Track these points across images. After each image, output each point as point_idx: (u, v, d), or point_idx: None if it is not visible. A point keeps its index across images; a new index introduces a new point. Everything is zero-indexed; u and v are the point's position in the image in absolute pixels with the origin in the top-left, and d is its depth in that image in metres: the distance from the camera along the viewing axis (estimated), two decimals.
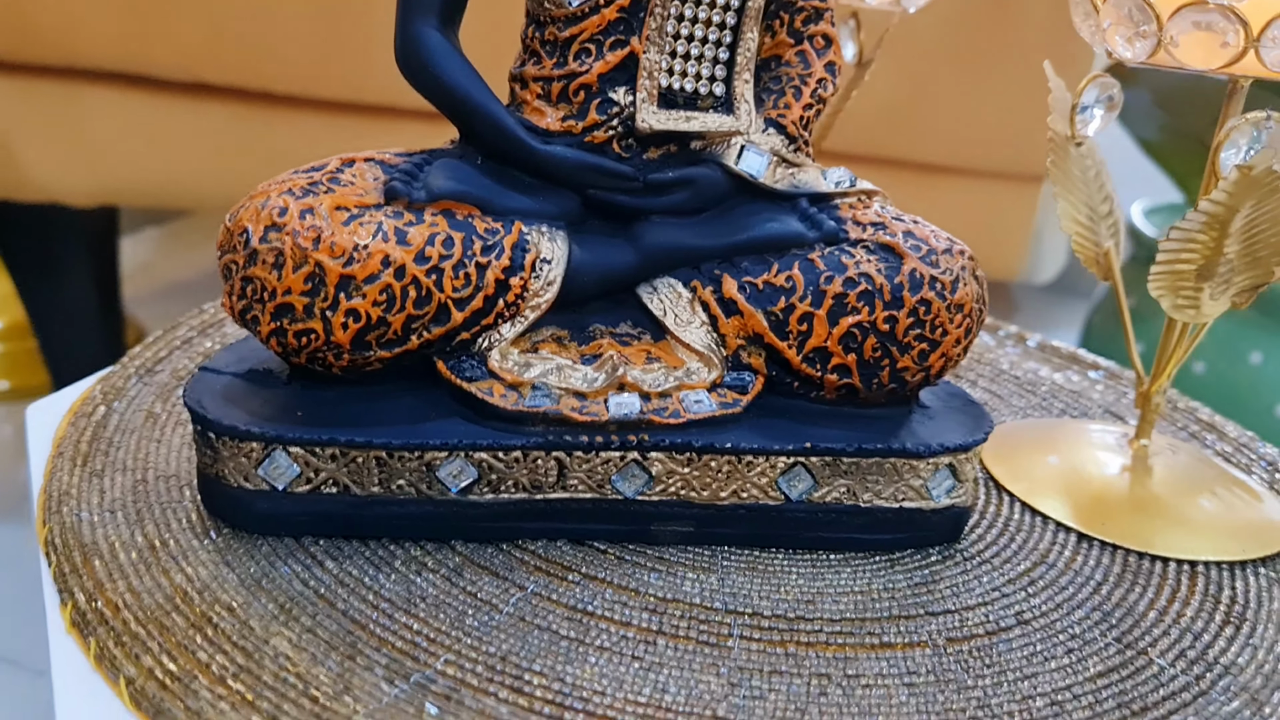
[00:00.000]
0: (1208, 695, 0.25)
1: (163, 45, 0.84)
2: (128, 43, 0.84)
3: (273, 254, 0.25)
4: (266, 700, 0.21)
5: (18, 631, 0.83)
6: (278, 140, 0.88)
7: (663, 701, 0.22)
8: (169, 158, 0.88)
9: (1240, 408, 0.92)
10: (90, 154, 0.88)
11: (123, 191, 0.90)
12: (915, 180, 0.89)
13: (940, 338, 0.27)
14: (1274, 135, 0.27)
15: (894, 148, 0.88)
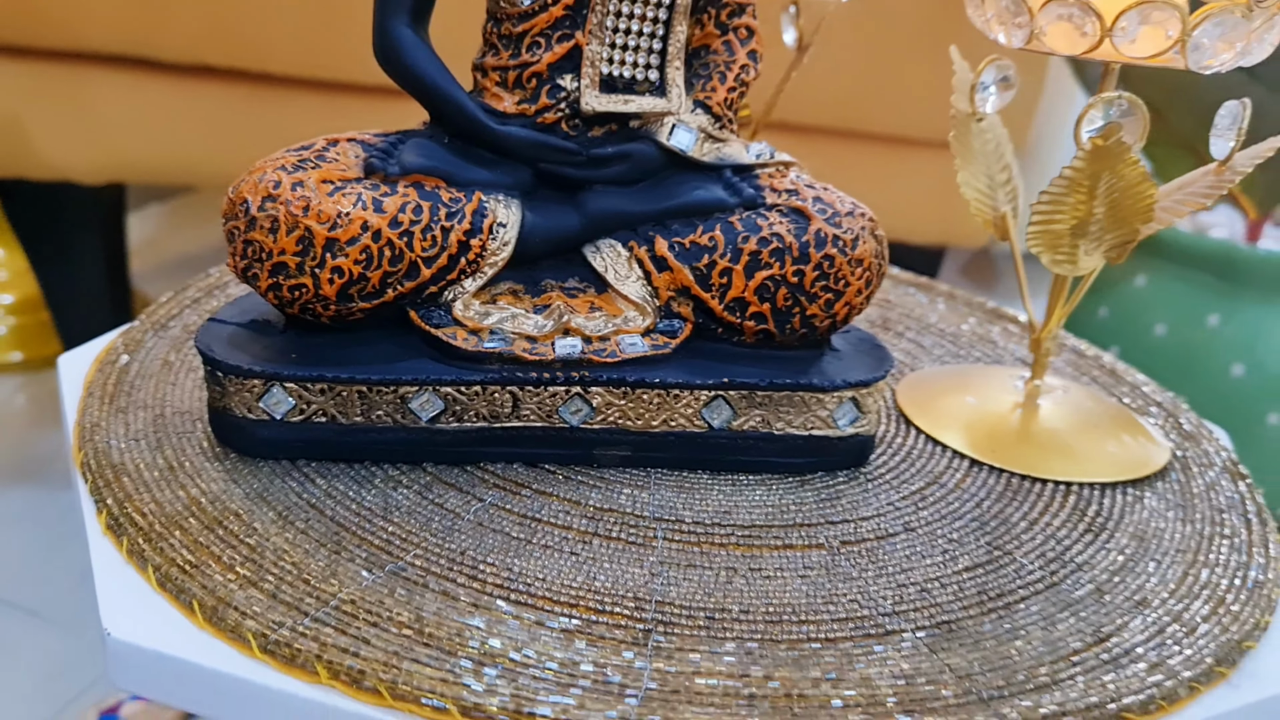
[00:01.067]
0: (1058, 586, 0.29)
1: (166, 29, 0.88)
2: (132, 27, 0.88)
3: (269, 221, 0.29)
4: (268, 582, 0.26)
5: (39, 585, 0.88)
6: (275, 119, 0.92)
7: (592, 586, 0.27)
8: (173, 136, 0.92)
9: (1199, 367, 0.96)
10: (98, 134, 0.92)
11: (129, 169, 0.94)
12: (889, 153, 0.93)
13: (843, 289, 0.32)
14: (1123, 111, 0.32)
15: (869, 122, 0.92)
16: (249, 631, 0.24)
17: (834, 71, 0.87)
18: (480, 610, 0.26)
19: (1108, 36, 0.31)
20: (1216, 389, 0.96)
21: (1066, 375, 0.43)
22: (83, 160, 0.94)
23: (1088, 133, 0.32)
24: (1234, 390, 0.96)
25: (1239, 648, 0.28)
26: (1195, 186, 0.35)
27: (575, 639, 0.25)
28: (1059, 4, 0.31)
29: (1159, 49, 0.31)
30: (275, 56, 0.89)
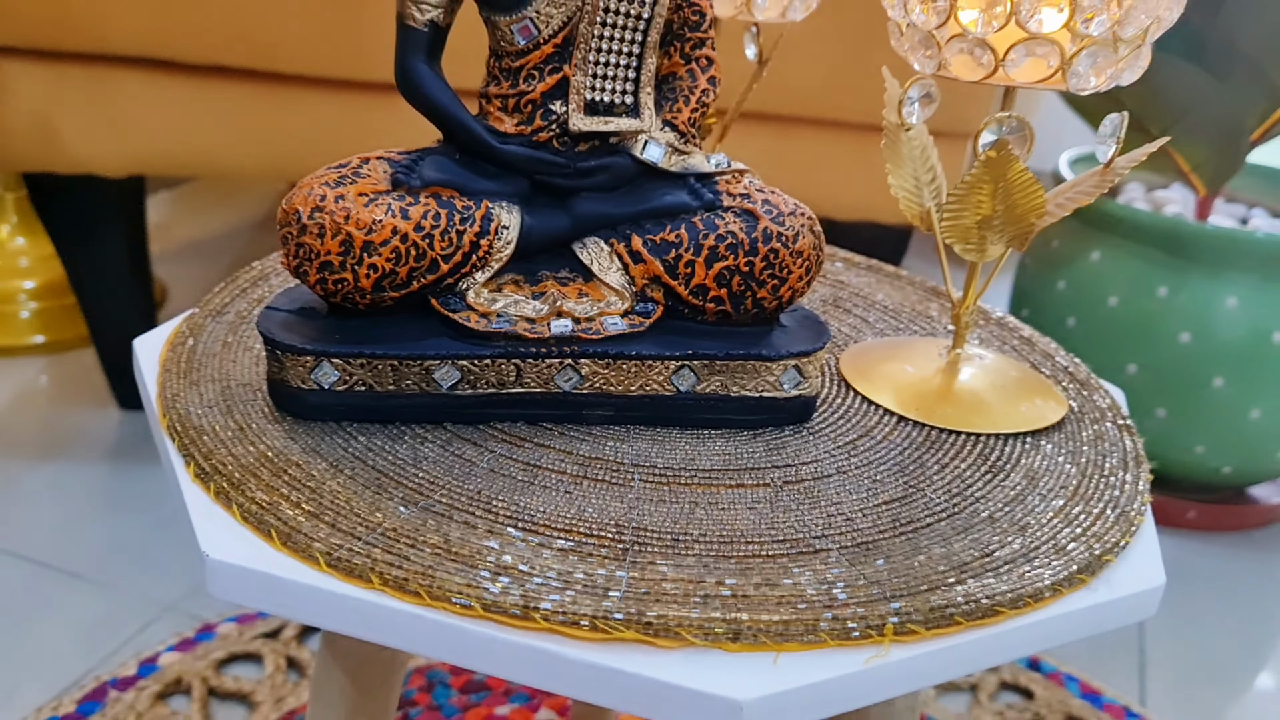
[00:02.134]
0: (957, 515, 0.36)
1: (184, 33, 0.94)
2: (153, 31, 0.94)
3: (317, 228, 0.36)
4: (326, 515, 0.33)
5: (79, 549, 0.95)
6: (285, 114, 0.98)
7: (582, 516, 0.34)
8: (191, 131, 0.99)
9: (1149, 336, 1.04)
10: (121, 130, 0.99)
11: (150, 162, 1.01)
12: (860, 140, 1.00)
13: (786, 276, 0.39)
14: (1013, 129, 0.39)
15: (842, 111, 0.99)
16: (316, 551, 0.31)
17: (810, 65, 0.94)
18: (494, 535, 0.33)
19: (1000, 66, 0.38)
20: (1165, 356, 1.03)
21: (991, 345, 0.50)
22: (107, 154, 1.00)
23: (983, 146, 0.39)
24: (1182, 356, 1.03)
25: (1099, 561, 0.35)
26: (1083, 186, 0.42)
27: (569, 556, 0.32)
28: (959, 40, 0.38)
29: (1043, 76, 0.38)
30: (285, 57, 0.95)
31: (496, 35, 0.39)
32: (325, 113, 0.98)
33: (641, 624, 0.30)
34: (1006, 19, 0.37)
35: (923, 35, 0.39)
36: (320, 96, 0.97)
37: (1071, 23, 0.36)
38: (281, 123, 0.98)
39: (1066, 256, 1.11)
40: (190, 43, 0.94)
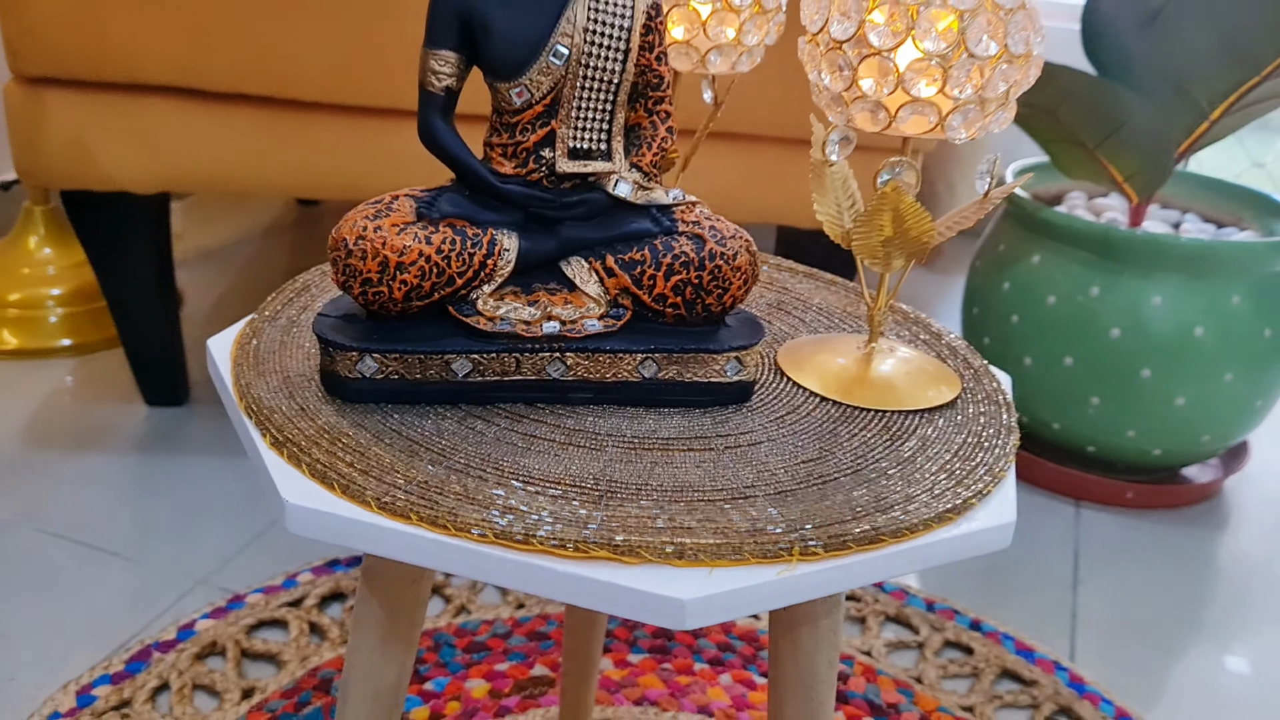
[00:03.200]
0: (860, 472, 0.47)
1: (210, 65, 1.04)
2: (181, 62, 1.04)
3: (360, 252, 0.46)
4: (374, 472, 0.43)
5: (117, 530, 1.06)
6: (300, 137, 1.08)
7: (569, 472, 0.44)
8: (215, 152, 1.09)
9: (1084, 330, 1.15)
10: (151, 151, 1.09)
11: (176, 180, 1.11)
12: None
13: (728, 286, 0.49)
14: (902, 171, 0.49)
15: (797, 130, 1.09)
16: (369, 497, 0.41)
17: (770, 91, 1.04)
18: (501, 486, 0.43)
19: (893, 121, 0.49)
20: (1099, 349, 1.14)
21: (905, 338, 0.60)
22: (137, 174, 1.10)
23: (880, 182, 0.49)
24: (1113, 350, 1.14)
25: (966, 504, 0.46)
26: (965, 212, 0.52)
27: (559, 500, 0.42)
28: (861, 101, 0.49)
29: (927, 129, 0.49)
30: (300, 86, 1.06)
31: (498, 97, 0.49)
32: (334, 135, 1.08)
33: (611, 546, 0.40)
34: (895, 86, 0.47)
35: (834, 95, 0.50)
36: (330, 120, 1.08)
37: (944, 91, 0.47)
38: (296, 144, 1.08)
39: (1011, 259, 1.22)
40: (215, 73, 1.04)
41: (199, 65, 1.04)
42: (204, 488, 1.13)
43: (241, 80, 1.05)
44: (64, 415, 1.25)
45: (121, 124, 1.07)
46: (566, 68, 0.48)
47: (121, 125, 1.07)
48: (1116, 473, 1.25)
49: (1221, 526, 1.24)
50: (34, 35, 1.02)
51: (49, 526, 1.05)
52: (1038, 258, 1.20)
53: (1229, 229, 1.28)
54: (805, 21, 0.51)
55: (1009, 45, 0.47)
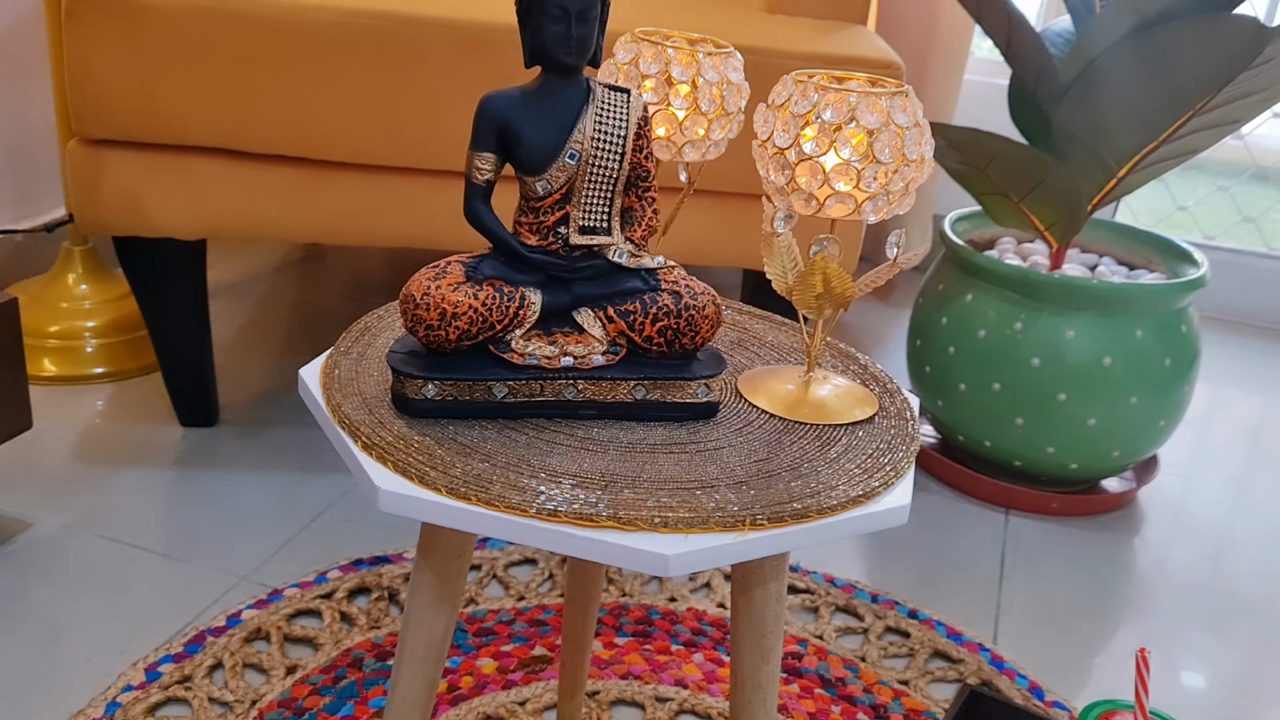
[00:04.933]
0: (798, 469, 0.63)
1: (250, 129, 1.20)
2: (226, 127, 1.20)
3: (423, 305, 0.62)
4: (439, 467, 0.59)
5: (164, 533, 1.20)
6: (330, 191, 1.24)
7: (581, 469, 0.60)
8: (253, 205, 1.25)
9: (1009, 360, 1.32)
10: (195, 203, 1.24)
11: (217, 229, 1.26)
12: None
13: (699, 330, 0.66)
14: (828, 244, 0.66)
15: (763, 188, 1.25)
16: (440, 485, 0.57)
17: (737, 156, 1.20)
18: (533, 479, 0.59)
19: (822, 207, 0.65)
20: (1021, 376, 1.31)
21: (837, 369, 0.77)
22: (182, 222, 1.26)
23: (813, 252, 0.66)
24: (1034, 377, 1.32)
25: (873, 491, 0.62)
26: (878, 274, 0.69)
27: (575, 488, 0.58)
28: (798, 192, 0.65)
29: (848, 213, 0.65)
30: (330, 147, 1.22)
31: (525, 187, 0.66)
32: (358, 189, 1.24)
33: (615, 519, 0.56)
34: (823, 183, 0.64)
35: (778, 187, 0.66)
36: (354, 177, 1.24)
37: (858, 187, 0.64)
38: (324, 197, 1.24)
39: (948, 298, 1.40)
40: (255, 136, 1.20)
41: (241, 129, 1.20)
42: (238, 498, 1.28)
43: (278, 142, 1.21)
44: (108, 436, 1.39)
45: (170, 179, 1.23)
46: (578, 166, 0.65)
47: (170, 181, 1.23)
48: (1041, 484, 1.42)
49: (1133, 531, 1.41)
50: (97, 104, 1.18)
51: (105, 532, 1.20)
52: (970, 296, 1.37)
53: (1140, 270, 1.46)
54: (757, 130, 0.68)
55: (906, 154, 0.64)
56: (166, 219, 1.25)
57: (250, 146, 1.21)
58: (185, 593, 1.12)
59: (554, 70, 0.64)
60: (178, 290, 1.33)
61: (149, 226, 1.25)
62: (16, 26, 1.64)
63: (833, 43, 1.24)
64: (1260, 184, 2.18)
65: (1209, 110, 1.25)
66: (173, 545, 1.19)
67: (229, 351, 1.63)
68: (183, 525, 1.23)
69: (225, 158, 1.23)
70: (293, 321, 1.77)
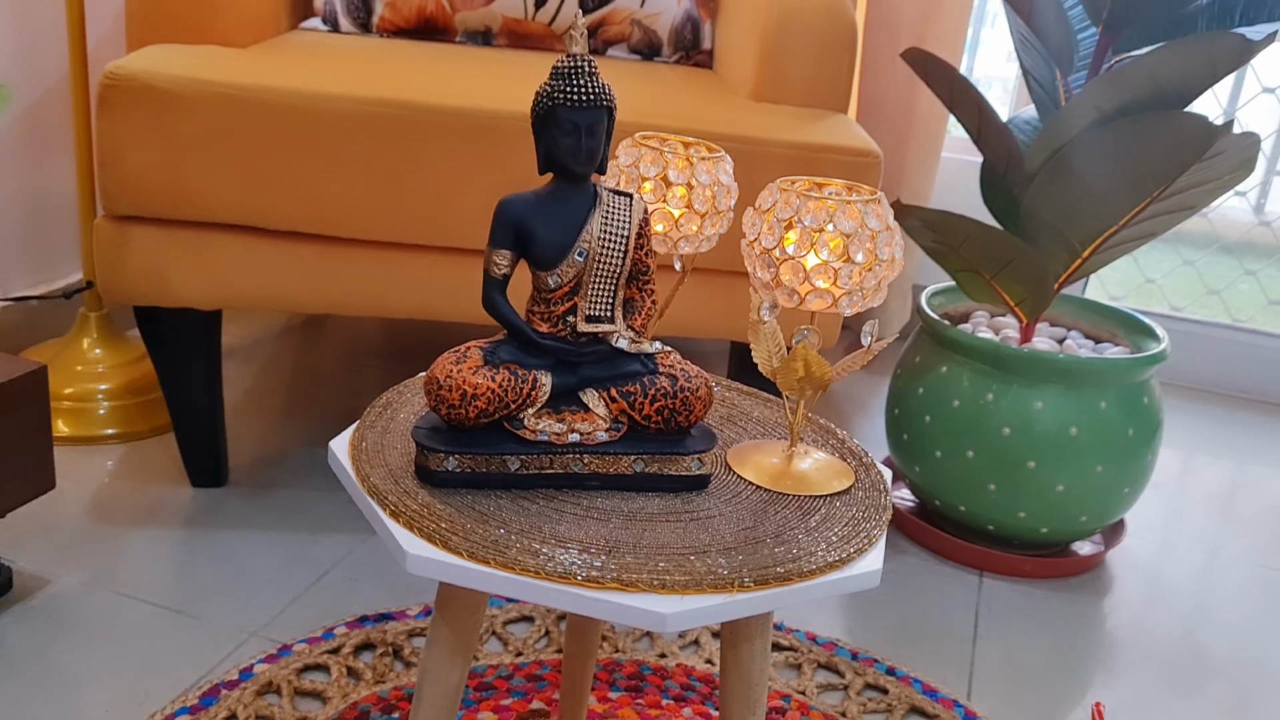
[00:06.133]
0: (781, 535, 0.70)
1: (270, 208, 1.28)
2: (245, 206, 1.28)
3: (446, 387, 0.70)
4: (459, 533, 0.66)
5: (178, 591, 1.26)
6: (343, 266, 1.31)
7: (585, 535, 0.67)
8: (269, 278, 1.32)
9: (981, 428, 1.40)
10: (214, 276, 1.31)
11: (234, 300, 1.33)
12: None
13: (693, 409, 0.73)
14: (808, 334, 0.73)
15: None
16: (461, 549, 0.64)
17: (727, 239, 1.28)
18: (543, 543, 0.66)
19: (803, 301, 0.73)
20: (993, 445, 1.39)
21: (818, 443, 0.84)
22: (201, 294, 1.33)
23: (795, 341, 0.74)
24: (1004, 446, 1.39)
25: (849, 557, 0.69)
26: (854, 360, 0.77)
27: (582, 553, 0.65)
28: (781, 288, 0.73)
29: (826, 306, 0.73)
30: (343, 225, 1.29)
31: (537, 280, 0.73)
32: (371, 264, 1.31)
33: (618, 580, 0.63)
34: (804, 280, 0.72)
35: (765, 282, 0.74)
36: (368, 253, 1.31)
37: (835, 284, 0.71)
38: (338, 272, 1.32)
39: (924, 368, 1.47)
40: (274, 214, 1.28)
41: (260, 208, 1.28)
42: (248, 557, 1.34)
43: (295, 220, 1.29)
44: (121, 495, 1.45)
45: (191, 254, 1.30)
46: (586, 263, 0.72)
47: (191, 255, 1.30)
48: (1013, 548, 1.49)
49: (1103, 593, 1.48)
50: (125, 183, 1.25)
51: (122, 589, 1.26)
52: (945, 368, 1.45)
53: (1105, 344, 1.54)
54: (745, 230, 0.76)
55: (878, 255, 0.72)
56: (186, 290, 1.32)
57: (268, 223, 1.29)
58: (199, 648, 1.18)
59: (565, 177, 0.72)
60: (193, 357, 1.39)
61: (169, 297, 1.32)
62: (43, 98, 1.72)
63: (814, 131, 1.33)
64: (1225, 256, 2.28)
65: (1166, 197, 1.34)
66: (186, 602, 1.25)
67: (236, 413, 1.69)
68: (195, 583, 1.29)
69: (244, 233, 1.30)
70: (296, 385, 1.83)
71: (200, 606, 1.24)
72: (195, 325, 1.37)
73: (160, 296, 1.32)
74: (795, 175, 1.28)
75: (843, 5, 1.45)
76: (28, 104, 1.69)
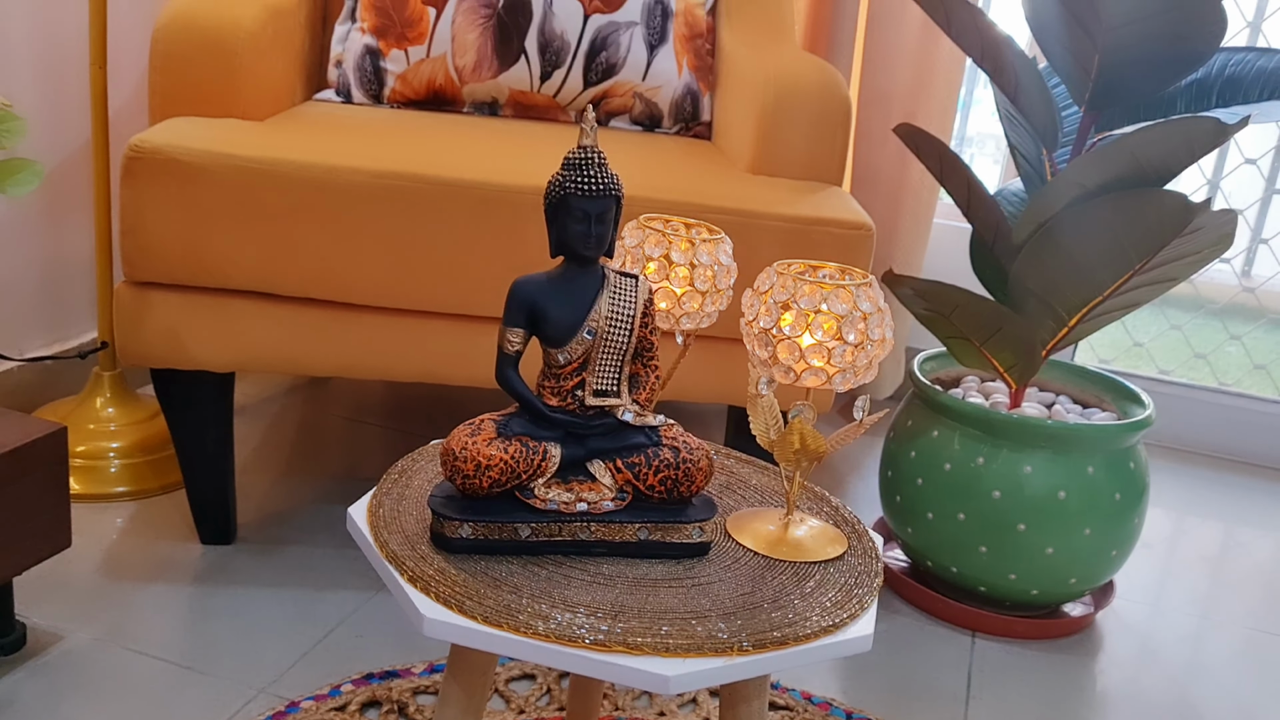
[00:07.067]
0: (778, 600, 0.74)
1: (285, 275, 1.32)
2: (262, 274, 1.32)
3: (462, 458, 0.74)
4: (474, 597, 0.69)
5: (186, 647, 1.29)
6: (355, 331, 1.36)
7: (593, 601, 0.71)
8: (283, 342, 1.36)
9: (972, 492, 1.43)
10: (230, 340, 1.36)
11: (249, 363, 1.38)
12: None
13: (695, 480, 0.77)
14: (804, 410, 0.78)
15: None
16: (476, 613, 0.68)
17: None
18: (553, 607, 0.70)
19: (799, 378, 0.77)
20: (983, 508, 1.43)
21: (812, 510, 0.88)
22: (217, 357, 1.37)
23: (791, 416, 0.78)
24: (994, 509, 1.43)
25: (843, 622, 0.73)
26: (847, 434, 0.81)
27: (589, 616, 0.69)
28: (778, 365, 0.77)
29: (819, 384, 0.77)
30: (358, 291, 1.34)
31: (548, 357, 0.78)
32: (381, 330, 1.36)
33: (623, 644, 0.67)
34: (799, 358, 0.76)
35: (762, 360, 0.79)
36: (379, 319, 1.36)
37: (829, 362, 0.76)
38: (351, 337, 1.36)
39: (916, 433, 1.52)
40: (290, 281, 1.33)
41: (276, 274, 1.32)
42: (256, 614, 1.37)
43: (309, 286, 1.33)
44: (132, 552, 1.48)
45: (208, 318, 1.34)
46: (594, 341, 0.77)
47: (208, 319, 1.34)
48: (1005, 609, 1.52)
49: (1093, 654, 1.51)
50: (147, 252, 1.30)
51: (132, 645, 1.29)
52: (936, 432, 1.49)
53: (1093, 409, 1.59)
54: (744, 310, 0.80)
55: (869, 335, 0.76)
56: (202, 353, 1.36)
57: (283, 289, 1.33)
58: (208, 704, 1.20)
59: (575, 260, 0.77)
60: (207, 417, 1.43)
61: (186, 360, 1.36)
62: (64, 164, 1.78)
63: (810, 205, 1.38)
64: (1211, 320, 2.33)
65: (1149, 270, 1.40)
66: (195, 658, 1.28)
67: (244, 471, 1.73)
68: (204, 639, 1.32)
69: (259, 299, 1.34)
70: (302, 442, 1.87)
71: (209, 663, 1.27)
72: (209, 386, 1.42)
73: (177, 359, 1.36)
74: (792, 246, 1.34)
75: (837, 83, 1.51)
76: (49, 169, 1.75)
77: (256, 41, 1.47)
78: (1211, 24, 1.27)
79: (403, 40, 1.67)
